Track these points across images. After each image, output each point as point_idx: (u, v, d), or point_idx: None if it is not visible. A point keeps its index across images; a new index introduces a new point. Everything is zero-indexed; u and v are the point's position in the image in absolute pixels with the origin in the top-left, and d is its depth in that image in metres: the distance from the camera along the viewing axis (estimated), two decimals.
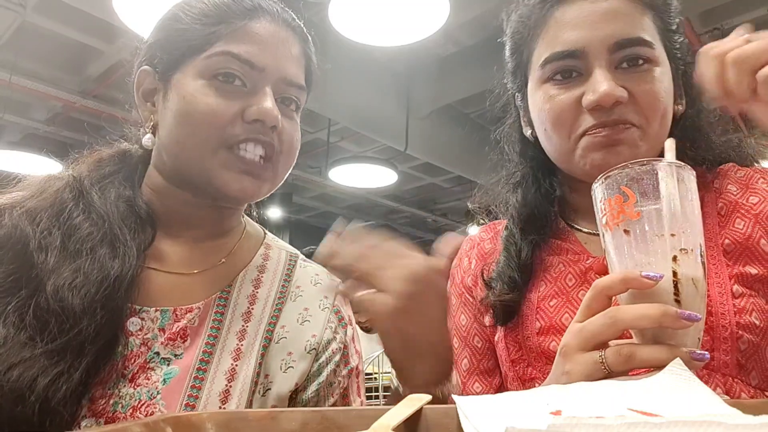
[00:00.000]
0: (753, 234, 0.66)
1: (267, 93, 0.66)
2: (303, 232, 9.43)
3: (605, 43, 0.65)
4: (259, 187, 0.69)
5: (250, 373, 0.65)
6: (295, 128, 0.72)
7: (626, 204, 0.49)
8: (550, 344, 0.69)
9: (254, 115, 0.65)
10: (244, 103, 0.66)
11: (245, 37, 0.66)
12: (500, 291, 0.73)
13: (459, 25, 3.85)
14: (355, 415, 0.39)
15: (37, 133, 5.50)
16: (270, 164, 0.69)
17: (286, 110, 0.71)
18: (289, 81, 0.70)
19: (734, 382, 0.61)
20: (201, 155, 0.66)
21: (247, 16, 0.68)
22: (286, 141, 0.70)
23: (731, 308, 0.62)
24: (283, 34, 0.70)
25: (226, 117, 0.65)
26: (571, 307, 0.70)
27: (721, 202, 0.70)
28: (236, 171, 0.66)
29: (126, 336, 0.62)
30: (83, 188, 0.68)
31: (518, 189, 0.81)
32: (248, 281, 0.73)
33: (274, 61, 0.68)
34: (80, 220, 0.65)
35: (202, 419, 0.39)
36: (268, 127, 0.66)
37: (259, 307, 0.71)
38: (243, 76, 0.66)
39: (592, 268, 0.71)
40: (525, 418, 0.36)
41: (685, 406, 0.36)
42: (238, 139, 0.66)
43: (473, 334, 0.80)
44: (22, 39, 4.00)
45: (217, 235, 0.75)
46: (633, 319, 0.46)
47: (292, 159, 0.73)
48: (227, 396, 0.63)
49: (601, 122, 0.65)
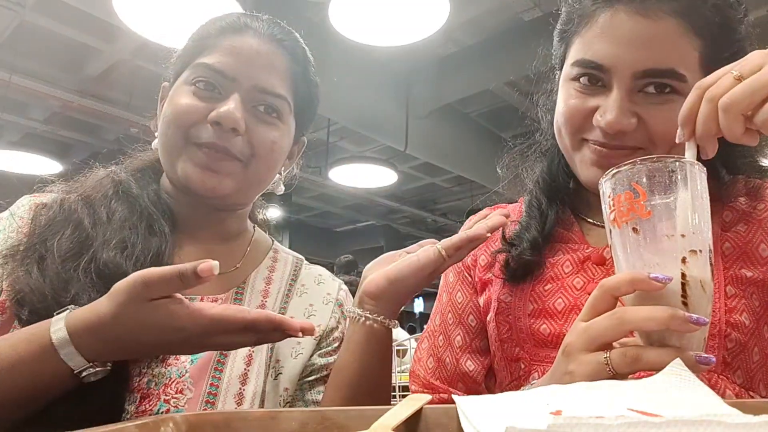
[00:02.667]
0: (753, 239, 0.66)
1: (233, 98, 0.71)
2: (303, 232, 9.44)
3: (632, 68, 0.63)
4: (219, 181, 0.71)
5: (263, 359, 0.72)
6: (270, 133, 0.74)
7: (636, 201, 0.47)
8: (540, 327, 0.71)
9: (214, 117, 0.70)
10: (212, 107, 0.71)
11: (223, 51, 0.73)
12: (522, 249, 0.74)
13: (459, 25, 3.85)
14: (355, 415, 0.39)
15: (36, 132, 5.50)
16: (239, 164, 0.72)
17: (263, 116, 0.74)
18: (263, 89, 0.73)
19: (719, 379, 0.61)
20: (172, 151, 0.73)
21: (231, 32, 0.74)
22: (259, 145, 0.73)
23: (722, 307, 0.63)
24: (263, 48, 0.74)
25: (193, 116, 0.71)
26: (565, 293, 0.71)
27: (727, 210, 0.70)
28: (198, 164, 0.71)
29: None
30: (121, 179, 0.77)
31: (546, 157, 0.82)
32: (260, 279, 0.81)
33: (246, 71, 0.72)
34: (119, 203, 0.73)
35: (201, 419, 0.39)
36: (227, 129, 0.70)
37: (270, 300, 0.79)
38: (217, 84, 0.72)
39: (590, 258, 0.72)
40: (525, 418, 0.35)
41: (686, 406, 0.36)
42: (201, 139, 0.71)
43: (468, 313, 0.82)
44: (20, 38, 4.01)
45: (225, 239, 0.81)
46: (640, 321, 0.46)
47: (269, 163, 0.76)
48: (246, 378, 0.70)
49: (602, 143, 0.66)
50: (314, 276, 0.86)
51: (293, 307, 0.80)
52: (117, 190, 0.75)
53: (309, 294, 0.83)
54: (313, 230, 10.09)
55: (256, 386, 0.70)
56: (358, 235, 10.33)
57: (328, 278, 0.88)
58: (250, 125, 0.72)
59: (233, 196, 0.74)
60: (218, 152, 0.71)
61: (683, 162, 0.48)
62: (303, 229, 9.57)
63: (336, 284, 0.87)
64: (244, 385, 0.69)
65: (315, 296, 0.83)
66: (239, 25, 0.75)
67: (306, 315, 0.80)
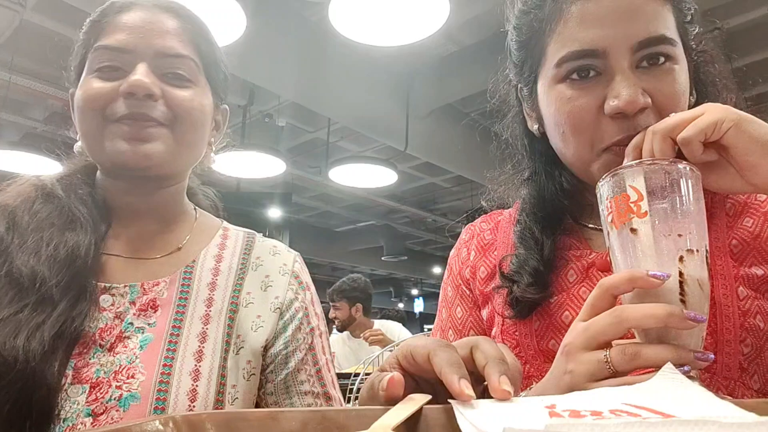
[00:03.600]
0: (761, 233, 0.65)
1: (138, 69, 0.70)
2: (303, 232, 9.44)
3: (628, 42, 0.61)
4: (151, 148, 0.71)
5: (220, 335, 0.73)
6: (188, 96, 0.74)
7: (633, 202, 0.48)
8: (549, 343, 0.69)
9: (126, 88, 0.69)
10: (121, 85, 0.70)
11: (114, 29, 0.73)
12: (526, 284, 0.70)
13: (459, 25, 3.85)
14: (355, 415, 0.39)
15: (36, 132, 5.50)
16: (164, 128, 0.72)
17: (176, 81, 0.74)
18: (164, 53, 0.73)
19: (736, 385, 0.60)
20: (93, 135, 0.72)
21: (118, 12, 0.74)
22: (177, 106, 0.73)
23: (736, 310, 0.61)
24: (153, 16, 0.74)
25: (106, 96, 0.70)
26: (572, 305, 0.69)
27: (730, 202, 0.69)
28: (124, 138, 0.70)
29: (99, 311, 0.69)
30: (45, 183, 0.77)
31: (530, 184, 0.79)
32: (210, 257, 0.80)
33: (143, 41, 0.72)
34: (41, 206, 0.74)
35: (201, 419, 0.39)
36: (142, 97, 0.69)
37: (222, 277, 0.79)
38: (121, 63, 0.72)
39: (594, 264, 0.70)
40: (522, 418, 0.35)
41: (682, 402, 0.36)
42: (119, 116, 0.70)
43: (468, 327, 0.79)
44: (21, 38, 4.00)
45: (165, 221, 0.81)
46: (639, 319, 0.46)
47: (192, 121, 0.75)
48: (201, 355, 0.70)
49: (626, 136, 0.61)
50: (269, 248, 0.85)
51: (249, 282, 0.80)
52: (38, 194, 0.75)
53: (264, 266, 0.82)
54: (313, 230, 10.09)
55: (212, 362, 0.70)
56: (358, 235, 10.33)
57: (284, 250, 0.87)
58: (164, 91, 0.72)
59: (166, 163, 0.73)
60: (139, 120, 0.70)
61: (679, 163, 0.49)
62: (303, 229, 9.56)
63: (291, 255, 0.86)
64: (199, 362, 0.69)
65: (270, 267, 0.82)
66: (125, 4, 0.75)
67: (263, 287, 0.80)
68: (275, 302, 0.79)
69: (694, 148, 0.53)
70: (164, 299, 0.73)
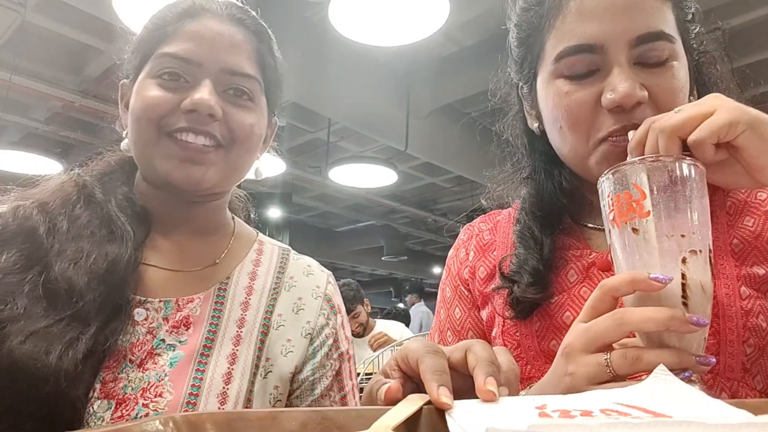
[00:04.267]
0: (762, 232, 0.65)
1: (204, 85, 0.69)
2: (303, 232, 9.43)
3: (625, 37, 0.61)
4: (204, 173, 0.70)
5: (250, 357, 0.71)
6: (247, 117, 0.73)
7: (636, 201, 0.47)
8: (549, 343, 0.68)
9: (188, 105, 0.68)
10: (183, 96, 0.69)
11: (182, 37, 0.70)
12: (526, 284, 0.70)
13: (459, 25, 3.85)
14: (355, 415, 0.39)
15: (37, 132, 5.49)
16: (221, 150, 0.71)
17: (237, 100, 0.72)
18: (232, 71, 0.71)
19: (739, 386, 0.60)
20: (145, 146, 0.70)
21: (187, 17, 0.72)
22: (237, 129, 0.71)
23: (739, 310, 0.61)
24: (222, 28, 0.72)
25: (165, 108, 0.68)
26: (573, 305, 0.68)
27: (730, 201, 0.68)
28: (178, 159, 0.69)
29: (133, 325, 0.67)
30: (86, 183, 0.74)
31: (529, 182, 0.79)
32: (245, 274, 0.78)
33: (211, 55, 0.70)
34: (81, 210, 0.71)
35: (201, 419, 0.39)
36: (204, 116, 0.68)
37: (255, 297, 0.77)
38: (183, 73, 0.70)
39: (594, 263, 0.70)
40: (509, 418, 0.35)
41: (675, 403, 0.36)
42: (176, 127, 0.68)
43: (467, 328, 0.79)
44: (21, 39, 4.00)
45: (204, 233, 0.79)
46: (640, 322, 0.46)
47: (249, 146, 0.74)
48: (230, 378, 0.68)
49: (622, 126, 0.61)
50: (303, 267, 0.83)
51: (281, 303, 0.78)
52: (80, 195, 0.72)
53: (298, 287, 0.80)
54: (313, 230, 10.09)
55: (240, 385, 0.69)
56: (358, 235, 10.32)
57: (317, 269, 0.85)
58: (225, 110, 0.70)
59: (216, 186, 0.72)
60: (197, 139, 0.68)
61: (683, 161, 0.48)
62: (303, 229, 9.56)
63: (324, 276, 0.85)
64: (227, 384, 0.68)
65: (304, 289, 0.80)
66: (196, 9, 0.72)
67: (295, 310, 0.78)
68: (306, 327, 0.77)
69: (706, 150, 0.51)
70: (197, 316, 0.71)
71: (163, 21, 0.73)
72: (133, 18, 2.62)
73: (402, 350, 0.47)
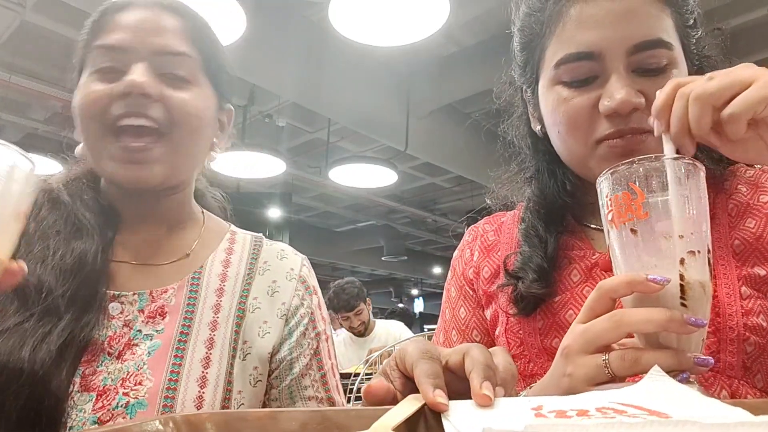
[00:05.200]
0: (764, 234, 0.65)
1: (135, 68, 0.69)
2: (303, 232, 9.44)
3: (623, 45, 0.62)
4: (150, 172, 0.69)
5: (227, 341, 0.73)
6: (188, 98, 0.72)
7: (634, 202, 0.47)
8: (552, 342, 0.69)
9: (120, 88, 0.68)
10: (119, 84, 0.69)
11: (112, 28, 0.71)
12: (531, 281, 0.71)
13: (459, 25, 3.85)
14: (355, 415, 0.39)
15: (36, 132, 5.50)
16: (162, 141, 0.70)
17: (173, 82, 0.72)
18: (162, 50, 0.71)
19: (740, 385, 0.60)
20: (94, 146, 0.70)
21: (117, 11, 0.73)
22: (176, 109, 0.70)
23: (739, 309, 0.61)
24: (151, 15, 0.73)
25: (104, 100, 0.68)
26: (575, 304, 0.69)
27: (732, 203, 0.68)
28: (121, 161, 0.69)
29: (108, 319, 0.69)
30: (51, 188, 0.75)
31: (533, 182, 0.80)
32: (218, 262, 0.80)
33: (140, 39, 0.70)
34: (46, 212, 0.72)
35: (201, 419, 0.39)
36: (138, 96, 0.68)
37: (230, 283, 0.78)
38: (117, 62, 0.70)
39: (597, 264, 0.70)
40: (505, 419, 0.35)
41: (671, 402, 0.36)
42: (116, 115, 0.68)
43: (472, 328, 0.80)
44: (21, 38, 4.00)
45: (173, 226, 0.80)
46: (638, 323, 0.46)
47: (190, 128, 0.72)
48: (208, 362, 0.70)
49: (618, 130, 0.62)
50: (276, 252, 0.84)
51: (256, 287, 0.79)
52: (45, 200, 0.73)
53: (272, 270, 0.81)
54: (313, 230, 10.09)
55: (219, 369, 0.70)
56: (358, 235, 10.33)
57: (291, 253, 0.86)
58: (163, 93, 0.70)
59: (165, 179, 0.72)
60: (139, 129, 0.68)
61: (681, 161, 0.47)
62: (303, 229, 9.56)
63: (299, 259, 0.85)
64: (206, 369, 0.69)
65: (278, 272, 0.81)
66: (123, 2, 0.73)
67: (270, 293, 0.79)
68: (282, 308, 0.79)
69: (740, 127, 0.48)
70: (172, 306, 0.72)
71: (92, 19, 0.74)
72: None
73: (399, 351, 0.47)
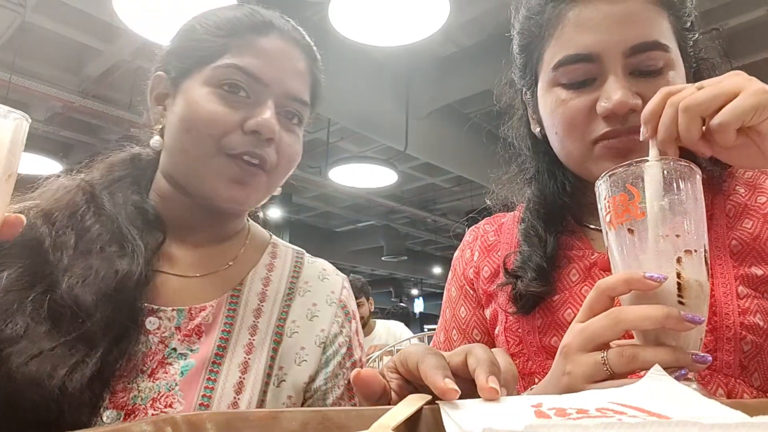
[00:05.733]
0: (761, 234, 0.65)
1: (268, 106, 0.68)
2: (303, 232, 9.43)
3: (620, 47, 0.63)
4: (247, 196, 0.70)
5: (262, 366, 0.69)
6: (295, 141, 0.73)
7: (631, 203, 0.48)
8: (551, 340, 0.69)
9: (253, 126, 0.67)
10: (245, 114, 0.68)
11: (253, 51, 0.69)
12: (530, 279, 0.71)
13: (459, 25, 3.85)
14: (355, 415, 0.39)
15: (37, 132, 5.49)
16: (265, 175, 0.70)
17: (288, 124, 0.72)
18: (293, 96, 0.71)
19: (736, 383, 0.61)
20: (198, 160, 0.68)
21: (257, 31, 0.70)
22: (285, 154, 0.71)
23: (736, 308, 0.61)
24: (289, 51, 0.72)
25: (226, 125, 0.67)
26: (574, 303, 0.69)
27: (730, 204, 0.69)
28: (228, 179, 0.68)
29: (145, 334, 0.66)
30: (94, 192, 0.72)
31: (533, 183, 0.81)
32: (258, 279, 0.77)
33: (278, 76, 0.70)
34: (91, 222, 0.68)
35: (202, 419, 0.39)
36: (264, 139, 0.68)
37: (268, 304, 0.75)
38: (247, 87, 0.69)
39: (596, 263, 0.71)
40: (506, 418, 0.36)
41: (670, 402, 0.36)
42: (236, 151, 0.67)
43: (472, 327, 0.80)
44: (21, 39, 4.00)
45: (220, 239, 0.78)
46: (636, 320, 0.46)
47: (289, 171, 0.74)
48: (241, 387, 0.67)
49: (615, 130, 0.63)
50: (318, 271, 0.82)
51: (295, 310, 0.76)
52: (89, 205, 0.69)
53: (312, 292, 0.79)
54: (313, 230, 10.09)
55: (251, 395, 0.67)
56: (358, 235, 10.33)
57: (332, 273, 0.83)
58: (279, 135, 0.70)
59: (253, 205, 0.73)
60: (252, 165, 0.68)
61: (677, 163, 0.49)
62: (303, 229, 9.56)
63: (339, 280, 0.83)
64: (239, 395, 0.66)
65: (318, 294, 0.79)
66: (266, 26, 0.71)
67: (309, 317, 0.76)
68: (320, 335, 0.76)
69: (729, 136, 0.49)
70: (209, 325, 0.70)
71: (229, 30, 0.70)
72: (133, 18, 2.62)
73: (401, 354, 0.48)
